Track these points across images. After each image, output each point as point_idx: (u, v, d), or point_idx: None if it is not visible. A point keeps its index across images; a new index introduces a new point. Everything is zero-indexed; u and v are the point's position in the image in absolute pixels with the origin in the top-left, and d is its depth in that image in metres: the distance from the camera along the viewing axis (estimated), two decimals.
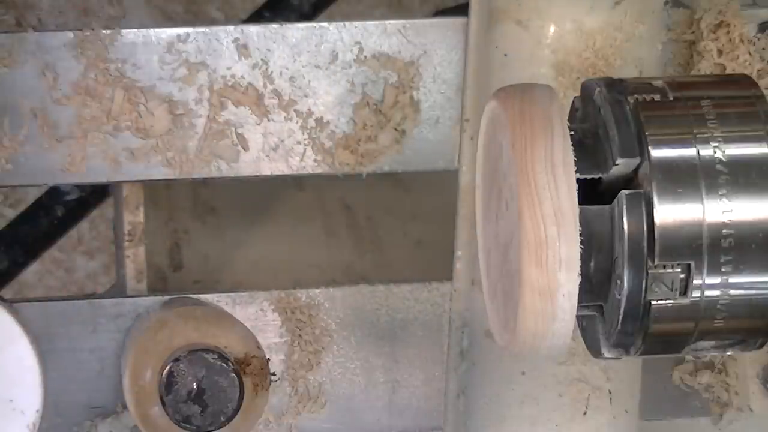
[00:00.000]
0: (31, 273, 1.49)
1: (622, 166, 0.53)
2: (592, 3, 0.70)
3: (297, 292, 0.79)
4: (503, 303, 0.55)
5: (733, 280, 0.53)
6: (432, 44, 0.76)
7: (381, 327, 0.80)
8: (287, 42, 0.75)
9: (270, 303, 0.79)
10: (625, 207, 0.52)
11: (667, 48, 0.76)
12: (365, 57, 0.76)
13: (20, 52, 0.73)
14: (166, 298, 0.78)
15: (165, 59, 0.74)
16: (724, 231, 0.52)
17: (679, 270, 0.52)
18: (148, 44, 0.74)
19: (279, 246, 0.93)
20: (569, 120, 0.54)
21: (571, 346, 0.54)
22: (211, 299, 0.78)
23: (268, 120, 0.76)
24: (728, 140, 0.53)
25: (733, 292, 0.53)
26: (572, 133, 0.52)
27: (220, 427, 0.71)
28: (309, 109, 0.76)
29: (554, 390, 0.74)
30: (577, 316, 0.52)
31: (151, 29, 0.74)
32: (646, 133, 0.53)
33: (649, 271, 0.52)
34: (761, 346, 0.55)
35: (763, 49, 0.77)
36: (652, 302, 0.53)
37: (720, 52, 0.76)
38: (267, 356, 0.74)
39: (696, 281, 0.52)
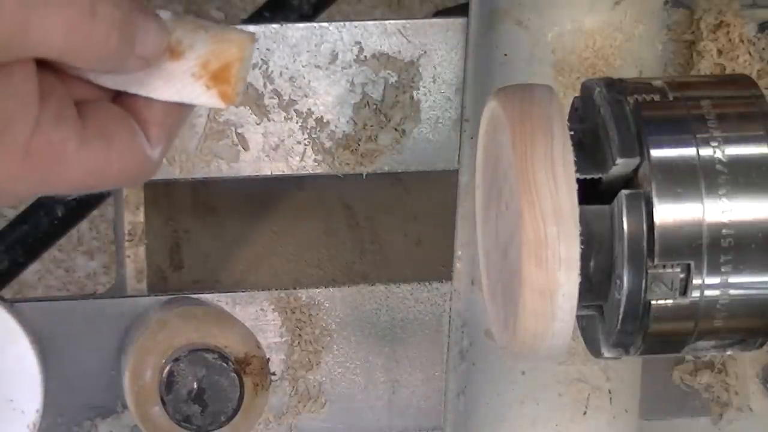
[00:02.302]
0: (31, 273, 1.49)
1: (621, 166, 0.53)
2: (591, 3, 0.70)
3: (297, 292, 0.79)
4: (503, 303, 0.55)
5: (732, 280, 0.53)
6: (432, 44, 0.76)
7: (381, 327, 0.80)
8: (287, 42, 0.75)
9: (270, 303, 0.79)
10: (624, 207, 0.52)
11: (667, 48, 0.76)
12: (365, 57, 0.76)
13: None
14: (166, 298, 0.78)
15: None
16: (723, 231, 0.52)
17: (679, 270, 0.52)
18: None
19: (279, 246, 0.93)
20: (569, 120, 0.54)
21: (571, 346, 0.54)
22: (211, 299, 0.78)
23: (268, 120, 0.76)
24: (728, 140, 0.53)
25: (732, 291, 0.53)
26: (572, 133, 0.52)
27: (220, 427, 0.71)
28: (309, 109, 0.76)
29: (554, 390, 0.74)
30: (577, 316, 0.52)
31: None
32: (646, 133, 0.53)
33: (649, 271, 0.52)
34: (761, 346, 0.55)
35: (763, 49, 0.77)
36: (652, 302, 0.53)
37: (720, 52, 0.76)
38: (267, 356, 0.74)
39: (696, 281, 0.52)
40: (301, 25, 0.76)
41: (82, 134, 0.52)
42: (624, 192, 0.53)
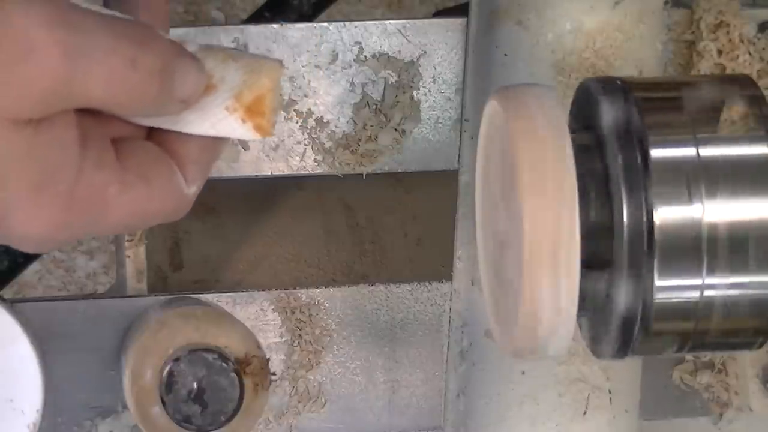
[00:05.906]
0: (31, 273, 1.49)
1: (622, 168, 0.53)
2: (592, 3, 0.70)
3: (297, 291, 0.79)
4: (503, 303, 0.55)
5: (732, 280, 0.53)
6: (432, 44, 0.76)
7: (381, 327, 0.80)
8: (287, 42, 0.75)
9: (270, 303, 0.79)
10: (625, 206, 0.53)
11: (667, 48, 0.76)
12: (365, 57, 0.76)
13: None
14: (166, 298, 0.78)
15: None
16: (723, 231, 0.52)
17: (679, 269, 0.52)
18: None
19: (279, 246, 0.93)
20: (569, 120, 0.55)
21: (571, 346, 0.54)
22: (211, 299, 0.78)
23: None
24: (728, 140, 0.53)
25: (732, 292, 0.53)
26: (572, 133, 0.52)
27: (220, 427, 0.71)
28: (309, 109, 0.76)
29: (554, 390, 0.74)
30: (578, 316, 0.52)
31: None
32: (646, 134, 0.53)
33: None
34: (761, 346, 0.55)
35: (763, 49, 0.77)
36: (653, 302, 0.53)
37: (720, 52, 0.76)
38: (267, 356, 0.74)
39: (696, 281, 0.52)
40: (301, 25, 0.76)
41: (123, 177, 0.51)
42: (625, 191, 0.53)
